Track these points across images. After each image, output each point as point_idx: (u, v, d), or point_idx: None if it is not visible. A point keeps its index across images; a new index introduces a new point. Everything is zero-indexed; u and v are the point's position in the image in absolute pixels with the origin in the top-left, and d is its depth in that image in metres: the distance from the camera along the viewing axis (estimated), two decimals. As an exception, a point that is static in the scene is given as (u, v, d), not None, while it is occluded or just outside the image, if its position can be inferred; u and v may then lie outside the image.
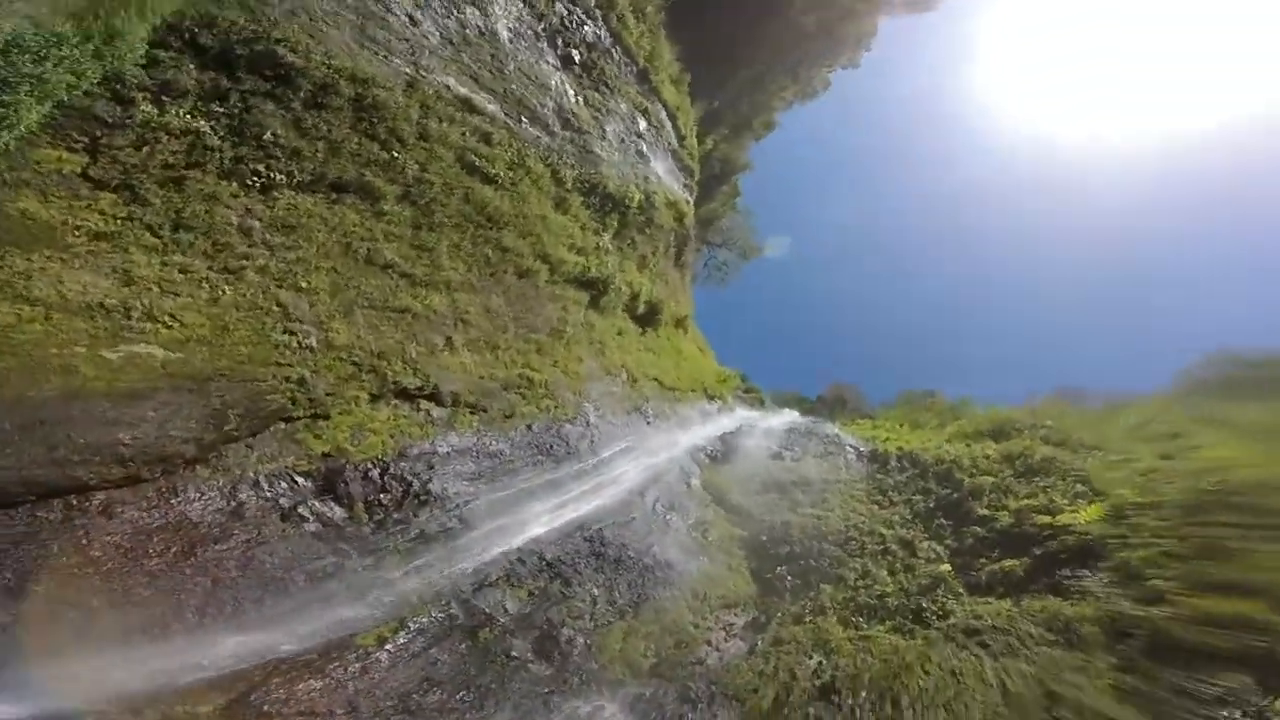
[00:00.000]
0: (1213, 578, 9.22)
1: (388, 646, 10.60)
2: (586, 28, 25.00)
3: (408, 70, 18.32)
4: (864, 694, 10.56)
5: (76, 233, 11.54)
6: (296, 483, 12.62)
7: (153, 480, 10.48)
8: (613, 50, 26.63)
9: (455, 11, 20.30)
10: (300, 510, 12.07)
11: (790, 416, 25.52)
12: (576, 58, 24.24)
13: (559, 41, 23.78)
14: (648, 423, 21.58)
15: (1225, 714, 7.68)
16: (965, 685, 9.90)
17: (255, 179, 14.53)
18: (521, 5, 22.48)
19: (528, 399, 18.13)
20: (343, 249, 16.25)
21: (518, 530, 14.58)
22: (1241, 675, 7.82)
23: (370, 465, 14.03)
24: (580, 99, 24.36)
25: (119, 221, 12.10)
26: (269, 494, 11.97)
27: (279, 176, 14.90)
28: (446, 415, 16.40)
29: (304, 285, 15.24)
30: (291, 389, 13.59)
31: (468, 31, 20.75)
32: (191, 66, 13.71)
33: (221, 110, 13.94)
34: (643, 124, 28.15)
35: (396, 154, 17.27)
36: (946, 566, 13.20)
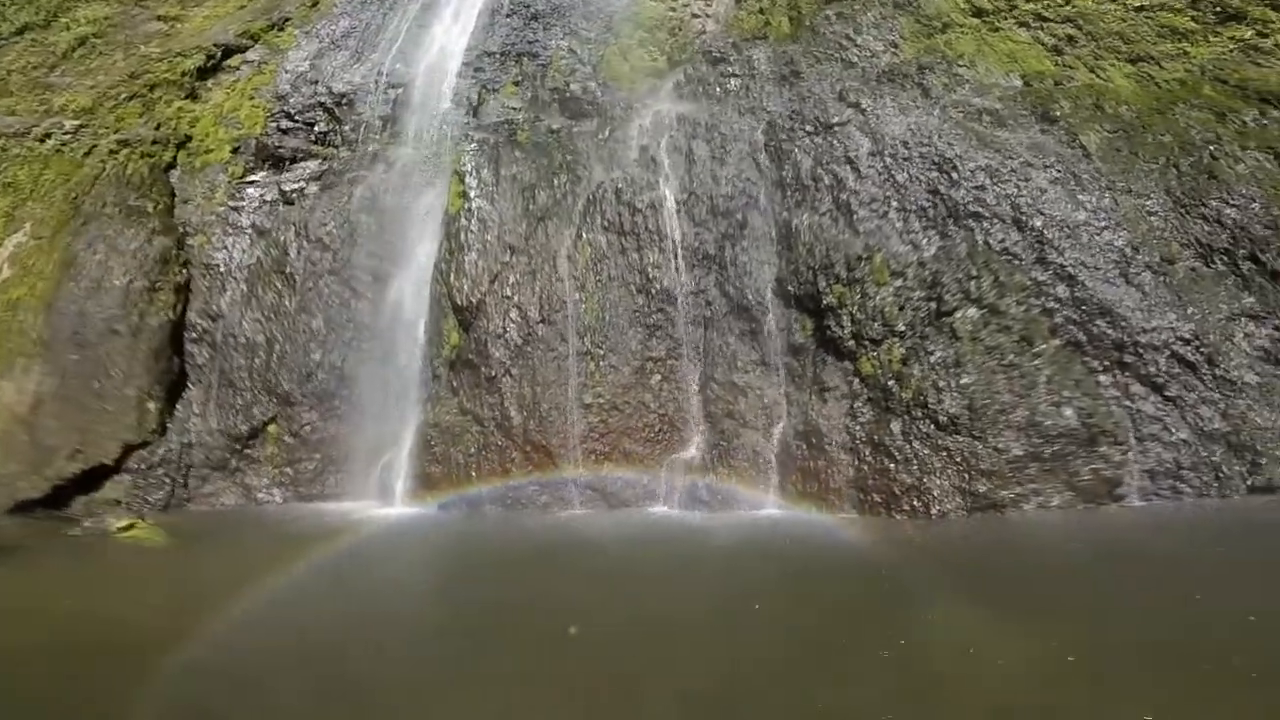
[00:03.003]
0: None
1: (470, 206, 10.97)
2: None
3: None
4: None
5: None
6: (253, 181, 11.47)
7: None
8: None
9: None
10: (286, 189, 11.24)
11: None
12: None
13: None
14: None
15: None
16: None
17: None
18: None
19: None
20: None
21: (447, 56, 13.21)
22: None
23: (272, 121, 12.38)
24: None
25: None
26: (256, 203, 11.04)
27: None
28: (263, 52, 13.43)
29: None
30: (136, 150, 11.64)
31: None
32: None
33: None
34: None
35: None
36: None
